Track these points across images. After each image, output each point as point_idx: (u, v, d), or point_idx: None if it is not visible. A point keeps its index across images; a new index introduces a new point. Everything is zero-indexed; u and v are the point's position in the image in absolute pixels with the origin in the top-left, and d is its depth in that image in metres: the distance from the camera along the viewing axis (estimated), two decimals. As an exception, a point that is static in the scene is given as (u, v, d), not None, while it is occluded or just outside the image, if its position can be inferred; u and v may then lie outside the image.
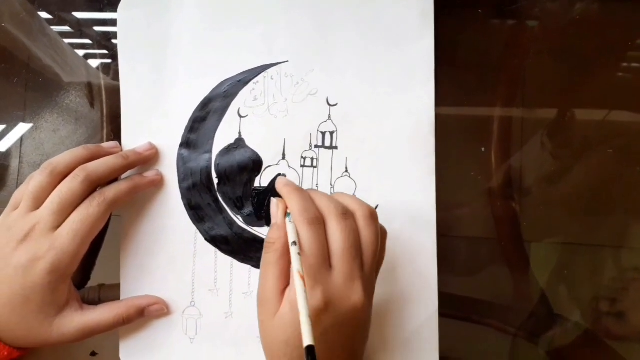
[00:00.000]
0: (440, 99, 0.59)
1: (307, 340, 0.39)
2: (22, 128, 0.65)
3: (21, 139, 0.65)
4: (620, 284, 0.62)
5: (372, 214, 0.49)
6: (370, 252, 0.48)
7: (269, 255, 0.48)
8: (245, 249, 0.58)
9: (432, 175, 0.58)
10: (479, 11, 0.63)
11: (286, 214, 0.49)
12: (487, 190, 0.62)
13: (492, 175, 0.62)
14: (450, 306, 0.61)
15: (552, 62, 0.64)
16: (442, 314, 0.59)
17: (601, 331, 0.62)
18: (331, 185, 0.58)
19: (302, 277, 0.42)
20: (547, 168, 0.62)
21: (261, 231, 0.59)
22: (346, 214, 0.48)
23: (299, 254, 0.44)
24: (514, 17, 0.64)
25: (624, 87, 0.64)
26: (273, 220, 0.50)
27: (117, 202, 0.54)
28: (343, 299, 0.45)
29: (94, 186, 0.53)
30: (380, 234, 0.50)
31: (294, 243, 0.45)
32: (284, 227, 0.48)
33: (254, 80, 0.59)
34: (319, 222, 0.47)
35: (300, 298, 0.41)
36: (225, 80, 0.59)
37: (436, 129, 0.58)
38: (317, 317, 0.44)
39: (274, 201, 0.51)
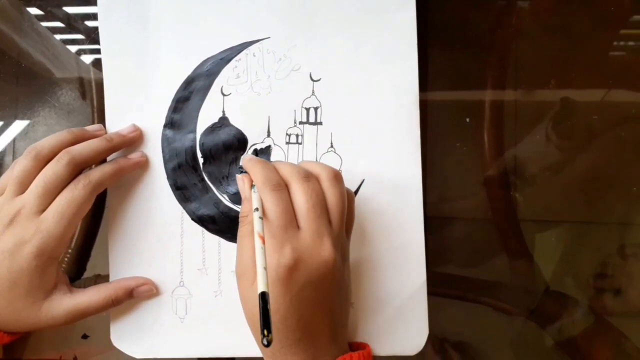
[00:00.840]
0: (431, 80, 0.59)
1: (261, 287, 0.41)
2: (14, 124, 0.65)
3: (14, 136, 0.65)
4: (621, 261, 0.62)
5: (336, 175, 0.51)
6: (337, 210, 0.49)
7: (243, 228, 0.49)
8: (232, 228, 0.58)
9: (417, 147, 0.58)
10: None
11: (252, 186, 0.51)
12: (484, 175, 0.62)
13: (487, 159, 0.62)
14: (446, 285, 0.61)
15: (545, 40, 0.63)
16: (439, 293, 0.59)
17: (602, 308, 0.62)
18: (317, 161, 0.58)
19: (262, 237, 0.44)
20: (549, 157, 0.62)
21: (248, 209, 0.58)
22: (308, 177, 0.49)
23: (260, 218, 0.46)
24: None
25: (620, 65, 0.64)
26: (242, 196, 0.51)
27: (102, 184, 0.54)
28: (313, 255, 0.46)
29: (78, 169, 0.53)
30: (348, 197, 0.51)
31: (256, 209, 0.47)
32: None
33: (236, 58, 0.59)
34: (281, 188, 0.49)
35: (258, 253, 0.43)
36: (208, 58, 0.59)
37: (428, 111, 0.58)
38: (290, 274, 0.45)
39: (239, 177, 0.52)
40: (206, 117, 0.59)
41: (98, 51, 0.61)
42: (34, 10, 0.65)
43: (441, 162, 0.60)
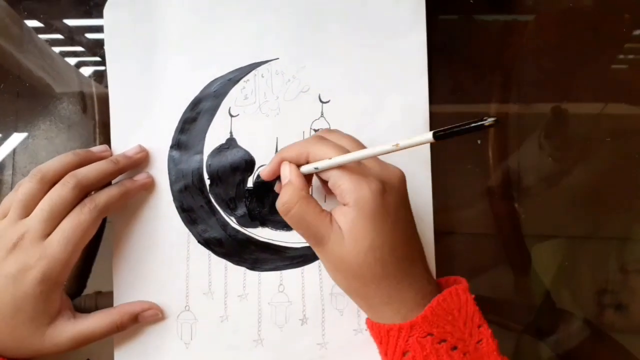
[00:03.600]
0: (436, 96, 0.59)
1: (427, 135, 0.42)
2: (14, 138, 0.64)
3: (14, 149, 0.64)
4: (622, 277, 0.62)
5: None
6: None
7: (299, 206, 0.48)
8: (240, 251, 0.58)
9: (427, 168, 0.58)
10: (473, 7, 0.63)
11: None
12: (486, 188, 0.62)
13: (490, 173, 0.62)
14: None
15: (547, 56, 0.63)
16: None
17: (604, 324, 0.62)
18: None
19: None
20: (547, 169, 0.62)
21: (255, 232, 0.58)
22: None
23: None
24: (508, 12, 0.64)
25: (620, 79, 0.64)
26: (284, 181, 0.50)
27: (109, 208, 0.53)
28: (389, 175, 0.49)
29: (84, 192, 0.52)
30: None
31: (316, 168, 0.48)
32: (299, 180, 0.49)
33: (245, 79, 0.58)
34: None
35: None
36: (215, 79, 0.58)
37: (433, 126, 0.58)
38: (383, 198, 0.47)
39: (285, 163, 0.51)
40: (213, 138, 0.58)
41: (99, 63, 0.61)
42: (35, 24, 0.64)
43: (444, 177, 0.60)
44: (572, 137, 0.62)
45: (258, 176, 0.58)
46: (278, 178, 0.51)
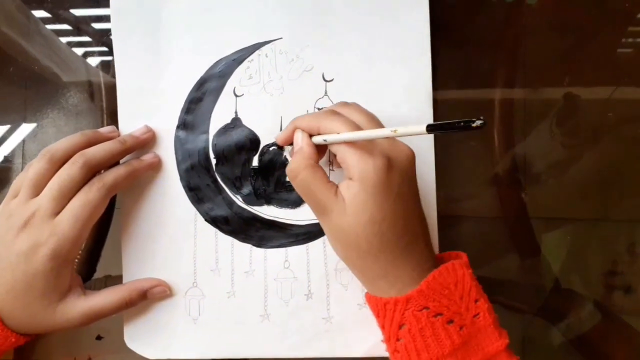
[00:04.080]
0: (441, 80, 0.59)
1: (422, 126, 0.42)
2: (23, 127, 0.65)
3: (23, 138, 0.65)
4: (631, 259, 0.62)
5: None
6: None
7: (305, 174, 0.49)
8: (246, 228, 0.58)
9: (431, 147, 0.58)
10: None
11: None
12: (494, 174, 0.62)
13: (497, 158, 0.62)
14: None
15: (553, 38, 0.63)
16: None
17: (613, 307, 0.62)
18: (329, 160, 0.58)
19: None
20: (557, 155, 0.62)
21: (261, 210, 0.59)
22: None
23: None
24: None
25: (628, 62, 0.63)
26: (296, 148, 0.51)
27: (116, 187, 0.54)
28: (397, 152, 0.49)
29: (92, 172, 0.53)
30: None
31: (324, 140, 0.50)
32: (308, 148, 0.50)
33: (249, 59, 0.59)
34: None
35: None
36: (220, 59, 0.59)
37: (437, 110, 0.58)
38: (387, 174, 0.47)
39: (297, 131, 0.52)
40: (219, 118, 0.59)
41: (106, 53, 0.62)
42: (42, 14, 0.65)
43: (450, 161, 0.60)
44: (583, 122, 0.62)
45: (262, 154, 0.59)
46: (291, 144, 0.52)
